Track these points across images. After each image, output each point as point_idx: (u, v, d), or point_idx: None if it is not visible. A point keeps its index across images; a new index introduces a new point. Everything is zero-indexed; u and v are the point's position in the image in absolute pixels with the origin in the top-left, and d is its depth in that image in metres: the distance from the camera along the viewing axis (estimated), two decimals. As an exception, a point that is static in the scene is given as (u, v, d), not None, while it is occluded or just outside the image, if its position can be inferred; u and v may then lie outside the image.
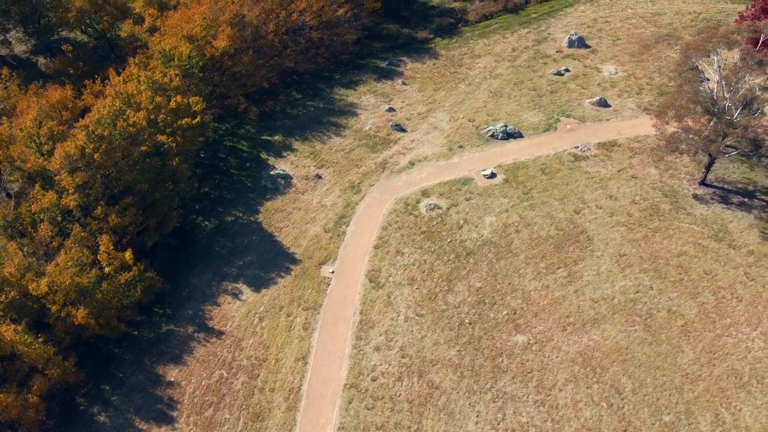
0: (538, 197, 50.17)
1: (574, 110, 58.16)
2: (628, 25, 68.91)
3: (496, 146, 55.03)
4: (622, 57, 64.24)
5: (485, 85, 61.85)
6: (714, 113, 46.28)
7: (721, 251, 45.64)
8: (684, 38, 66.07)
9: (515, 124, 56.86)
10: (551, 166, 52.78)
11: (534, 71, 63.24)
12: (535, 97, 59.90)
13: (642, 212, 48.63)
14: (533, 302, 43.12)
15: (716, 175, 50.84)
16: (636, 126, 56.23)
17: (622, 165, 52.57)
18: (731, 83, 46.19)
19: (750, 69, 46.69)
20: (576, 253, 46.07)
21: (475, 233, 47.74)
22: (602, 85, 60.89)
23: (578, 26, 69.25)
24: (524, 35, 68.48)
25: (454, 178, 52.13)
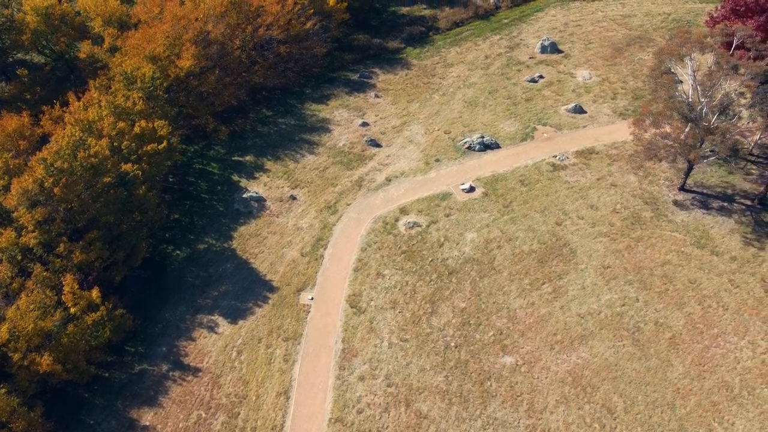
0: (519, 210, 49.23)
1: (550, 118, 57.42)
2: (600, 28, 68.55)
3: (473, 158, 53.97)
4: (595, 61, 63.77)
5: (459, 95, 60.79)
6: (691, 119, 45.82)
7: (704, 258, 45.19)
8: (655, 40, 65.98)
9: (492, 134, 55.89)
10: (530, 177, 51.90)
11: (508, 79, 62.39)
12: (510, 106, 59.03)
13: (624, 221, 48.00)
14: (519, 321, 42.09)
15: (695, 179, 50.49)
16: (612, 132, 55.71)
17: (601, 173, 51.93)
18: (706, 88, 45.78)
19: (725, 74, 46.35)
20: (560, 267, 45.19)
21: (457, 251, 46.57)
22: (577, 91, 60.29)
23: (550, 31, 68.65)
24: (496, 42, 67.64)
25: (433, 194, 50.90)
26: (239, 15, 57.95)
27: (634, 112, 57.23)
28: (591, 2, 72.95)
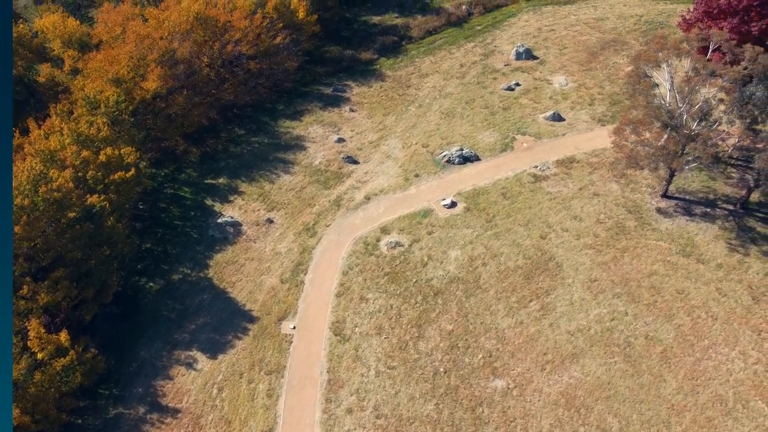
0: (502, 224, 48.22)
1: (529, 127, 56.59)
2: (573, 32, 68.05)
3: (453, 172, 52.85)
4: (571, 66, 63.19)
5: (436, 106, 59.65)
6: (672, 127, 45.28)
7: (690, 267, 44.67)
8: (629, 43, 65.67)
9: (471, 146, 54.84)
10: (512, 189, 50.95)
11: (484, 87, 61.45)
12: (488, 116, 58.08)
13: (608, 232, 47.30)
14: (508, 341, 41.03)
15: (676, 185, 50.04)
16: (592, 139, 55.08)
17: (583, 182, 51.21)
18: (685, 95, 45.26)
19: (702, 79, 45.91)
20: (546, 282, 44.26)
21: (441, 270, 45.35)
22: (554, 98, 59.59)
23: (524, 37, 67.95)
24: (471, 49, 66.69)
25: (414, 211, 49.64)
26: (206, 32, 56.02)
27: (612, 118, 56.71)
28: (563, 6, 72.47)
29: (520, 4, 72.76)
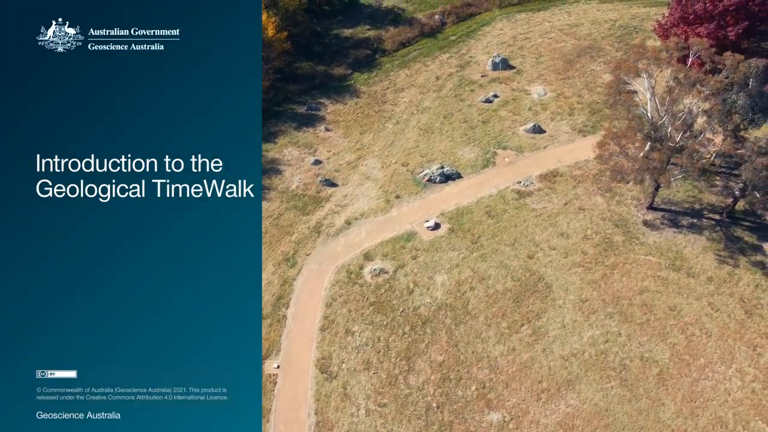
0: (488, 245, 46.88)
1: (510, 140, 55.40)
2: (548, 39, 67.15)
3: (435, 191, 51.37)
4: (548, 75, 62.23)
5: (414, 122, 58.13)
6: (657, 140, 44.43)
7: (681, 282, 43.86)
8: (605, 49, 65.01)
9: (451, 163, 53.43)
10: (496, 207, 49.66)
11: (462, 100, 60.13)
12: (467, 130, 56.75)
13: (596, 248, 46.29)
14: (501, 370, 39.65)
15: (661, 196, 49.27)
16: (574, 151, 54.12)
17: (568, 197, 50.15)
18: (667, 106, 44.46)
19: (684, 90, 45.18)
20: (537, 304, 43.02)
21: (428, 297, 43.82)
22: (533, 109, 58.52)
23: (499, 45, 66.84)
24: (446, 61, 65.33)
25: (397, 235, 48.03)
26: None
27: (593, 128, 55.86)
28: (537, 12, 71.61)
29: (494, 12, 71.69)
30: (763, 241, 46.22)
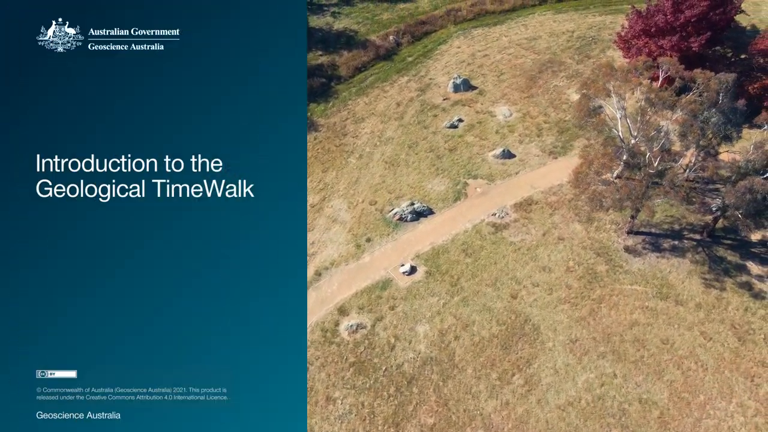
0: (469, 287, 44.34)
1: (480, 168, 53.04)
2: (508, 55, 65.19)
3: (407, 231, 48.54)
4: (512, 94, 60.20)
5: (378, 155, 55.18)
6: (635, 166, 42.71)
7: (670, 311, 42.25)
8: (566, 62, 63.44)
9: (421, 198, 50.70)
10: (473, 244, 47.16)
11: (426, 127, 57.49)
12: (434, 160, 54.13)
13: (580, 281, 44.31)
14: (497, 429, 37.11)
15: (640, 218, 47.64)
16: (546, 175, 52.15)
17: (546, 226, 48.08)
18: (642, 130, 42.78)
19: (657, 111, 43.67)
20: (526, 350, 40.69)
21: (411, 351, 40.96)
22: (500, 132, 56.35)
23: (458, 65, 64.51)
24: (405, 85, 62.59)
25: (371, 283, 44.98)
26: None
27: (563, 148, 54.06)
28: (493, 27, 69.61)
29: (450, 29, 69.37)
30: (746, 260, 45.11)
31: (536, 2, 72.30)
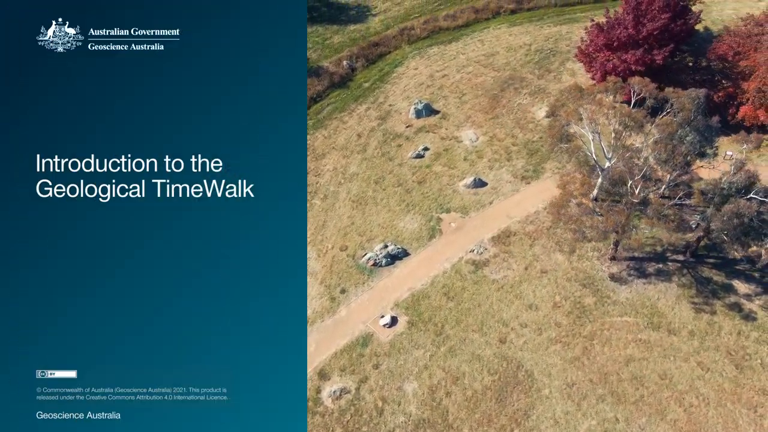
0: (455, 335, 41.74)
1: (452, 200, 50.55)
2: (467, 74, 63.00)
3: (383, 276, 45.60)
4: (476, 117, 57.99)
5: (343, 194, 52.03)
6: (616, 194, 40.96)
7: (664, 342, 40.67)
8: (527, 78, 61.69)
9: (394, 238, 47.85)
10: (454, 286, 44.60)
11: (391, 159, 54.65)
12: (403, 195, 51.34)
13: (569, 316, 42.31)
14: (502, 494, 34.65)
15: (623, 244, 46.03)
16: (521, 202, 50.08)
17: (527, 259, 45.95)
18: (622, 159, 41.08)
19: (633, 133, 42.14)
20: (522, 400, 38.35)
21: (401, 415, 38.06)
22: (469, 158, 54.01)
23: (417, 88, 61.94)
24: (364, 113, 59.60)
25: (351, 340, 41.87)
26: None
27: (534, 171, 52.12)
28: (449, 45, 67.36)
29: (404, 50, 66.75)
30: (731, 279, 44.02)
31: (489, 16, 70.44)
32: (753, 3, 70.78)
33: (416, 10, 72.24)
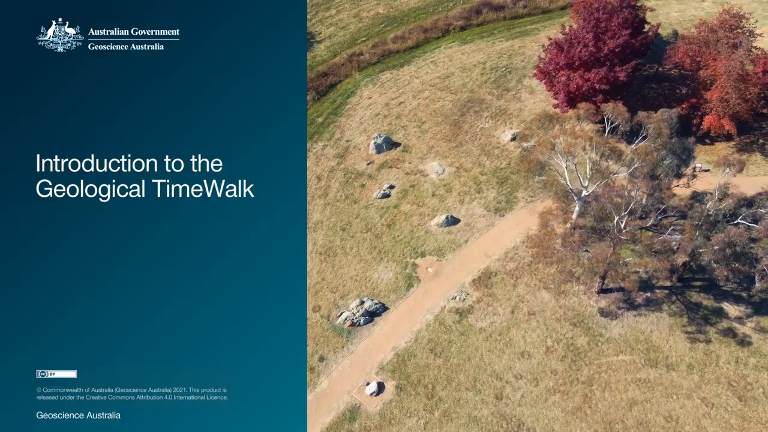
0: (448, 396, 38.85)
1: (426, 242, 47.62)
2: (425, 100, 60.21)
3: (363, 337, 42.26)
4: (439, 146, 55.26)
5: (309, 245, 48.33)
6: (602, 231, 38.92)
7: (664, 380, 38.94)
8: (486, 99, 59.43)
9: (370, 292, 44.57)
10: (440, 340, 41.70)
11: (355, 202, 51.27)
12: (374, 241, 48.07)
13: (563, 361, 40.10)
14: None
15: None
16: (498, 238, 47.63)
17: (512, 301, 43.50)
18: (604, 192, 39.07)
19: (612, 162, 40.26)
20: (528, 463, 35.84)
21: (402, 497, 34.93)
22: (437, 193, 51.21)
23: (373, 119, 58.75)
24: (321, 152, 55.96)
25: (337, 415, 38.40)
26: None
27: (507, 203, 49.79)
28: (401, 69, 64.40)
29: (355, 77, 63.43)
30: (720, 301, 42.78)
31: (439, 34, 67.92)
32: (696, 3, 70.84)
33: (362, 34, 69.03)
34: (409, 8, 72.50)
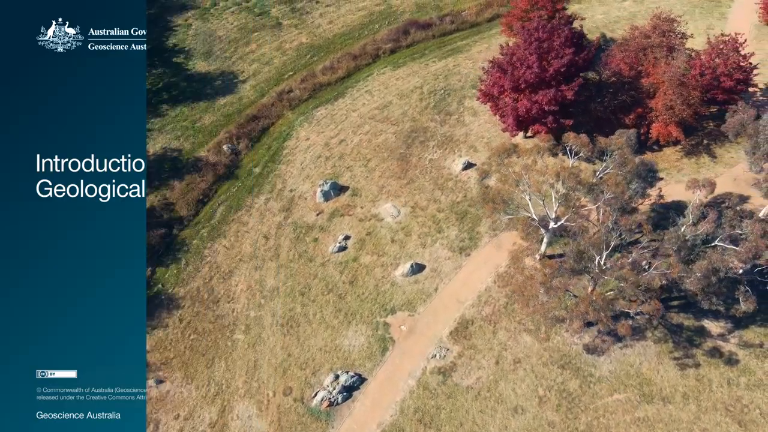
0: (446, 472, 35.84)
1: (394, 297, 44.35)
2: (366, 135, 56.81)
3: (344, 417, 38.53)
4: (390, 185, 52.04)
5: (268, 318, 44.02)
6: (583, 270, 36.94)
7: (662, 415, 37.51)
8: (430, 127, 56.80)
9: (343, 364, 40.87)
10: (427, 407, 38.57)
11: (311, 260, 47.25)
12: (338, 303, 44.32)
13: (559, 411, 37.95)
14: None
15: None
16: (468, 281, 45.00)
17: (495, 351, 40.99)
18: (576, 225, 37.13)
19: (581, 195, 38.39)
20: None
21: None
22: (396, 239, 48.01)
23: (315, 162, 54.78)
24: (265, 207, 51.48)
25: None
26: None
27: (470, 240, 47.25)
28: (335, 102, 60.67)
29: (288, 117, 59.21)
30: (701, 319, 41.92)
31: (369, 60, 64.69)
32: (618, 4, 71.00)
33: (289, 67, 64.77)
34: (333, 35, 68.81)
